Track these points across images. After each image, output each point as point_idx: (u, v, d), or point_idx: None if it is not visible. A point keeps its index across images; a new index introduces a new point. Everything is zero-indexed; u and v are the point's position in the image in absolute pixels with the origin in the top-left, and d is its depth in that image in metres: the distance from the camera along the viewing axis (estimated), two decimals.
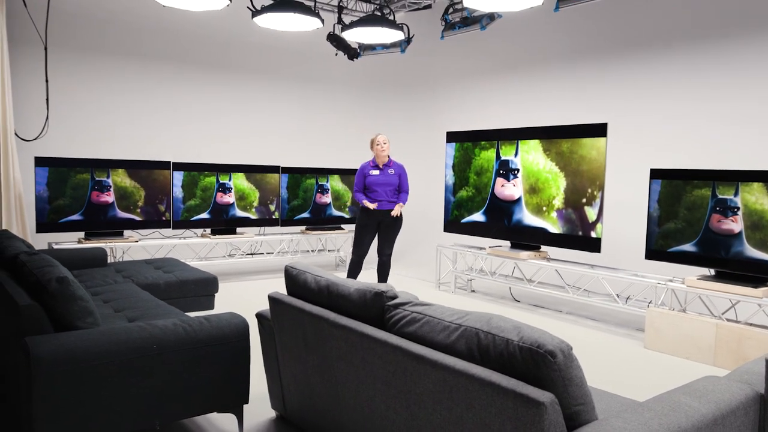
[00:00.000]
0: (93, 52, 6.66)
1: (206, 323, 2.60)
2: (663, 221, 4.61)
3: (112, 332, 2.38)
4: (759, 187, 4.09)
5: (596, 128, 5.06)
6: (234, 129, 7.67)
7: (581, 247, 5.22)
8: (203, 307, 4.50)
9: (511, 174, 5.78)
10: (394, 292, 2.22)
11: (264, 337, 2.87)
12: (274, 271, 7.35)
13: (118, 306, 3.40)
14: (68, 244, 5.83)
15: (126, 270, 4.60)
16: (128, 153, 6.62)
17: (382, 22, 6.33)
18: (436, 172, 7.80)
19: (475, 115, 7.73)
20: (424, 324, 2.00)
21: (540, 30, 6.94)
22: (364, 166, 5.79)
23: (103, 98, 6.74)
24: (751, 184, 4.12)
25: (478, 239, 6.50)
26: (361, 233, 5.73)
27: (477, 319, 1.88)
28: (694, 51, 5.59)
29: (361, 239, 5.74)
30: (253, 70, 7.83)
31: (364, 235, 5.73)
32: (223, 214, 6.79)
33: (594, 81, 6.38)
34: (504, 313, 5.57)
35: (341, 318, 2.27)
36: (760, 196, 4.09)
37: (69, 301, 2.44)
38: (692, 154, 5.47)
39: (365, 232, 5.72)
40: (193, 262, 6.42)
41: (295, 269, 2.68)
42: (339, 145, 8.52)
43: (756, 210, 4.11)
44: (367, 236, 5.73)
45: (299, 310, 2.49)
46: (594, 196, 5.11)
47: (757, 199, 4.11)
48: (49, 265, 2.65)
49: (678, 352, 4.31)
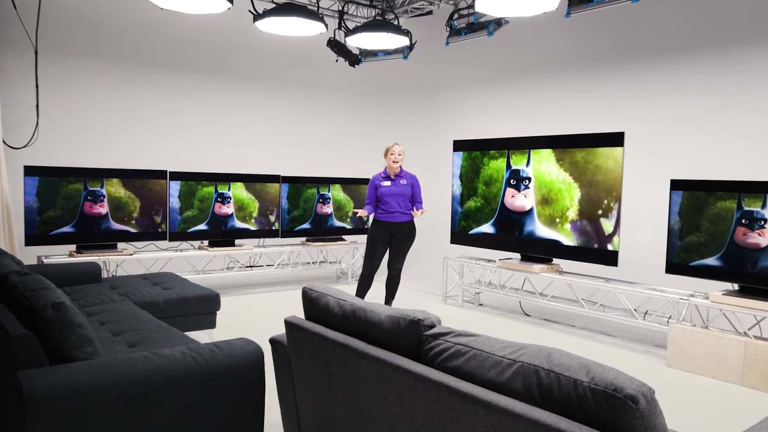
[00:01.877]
0: (86, 57, 6.41)
1: (218, 352, 2.37)
2: (684, 234, 4.43)
3: (114, 364, 2.14)
4: None
5: (613, 137, 4.89)
6: (233, 137, 7.43)
7: (597, 261, 5.03)
8: (205, 326, 4.26)
9: (522, 184, 5.59)
10: (432, 320, 2.00)
11: (278, 366, 2.64)
12: (274, 284, 7.11)
13: (116, 328, 3.15)
14: (59, 258, 5.56)
15: (122, 286, 4.35)
16: (123, 162, 6.37)
17: (387, 27, 6.15)
18: (441, 181, 7.61)
19: (480, 124, 7.55)
20: (471, 358, 1.79)
21: (550, 36, 6.78)
22: (375, 178, 5.57)
23: (96, 105, 6.48)
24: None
25: (486, 251, 6.30)
26: (373, 246, 5.50)
27: (534, 354, 1.67)
28: (714, 57, 5.42)
29: (372, 252, 5.50)
30: (252, 77, 7.61)
31: (376, 248, 5.49)
32: (221, 226, 6.54)
33: (607, 89, 6.20)
34: (514, 328, 5.39)
35: (372, 348, 2.05)
36: None
37: (66, 330, 2.20)
38: (713, 164, 5.30)
39: (377, 244, 5.49)
40: (190, 275, 6.17)
41: (314, 291, 2.45)
42: (340, 153, 8.31)
43: None
44: (378, 249, 5.50)
45: (321, 338, 2.27)
46: (610, 208, 4.93)
47: None
48: (44, 287, 2.41)
49: (703, 371, 4.12)
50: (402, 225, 5.46)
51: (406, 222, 5.48)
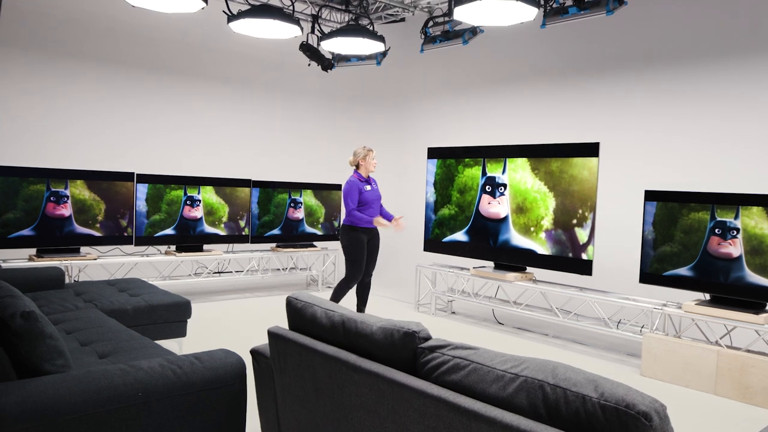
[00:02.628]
0: (50, 54, 6.17)
1: (198, 364, 2.26)
2: (658, 244, 4.49)
3: (89, 378, 2.01)
4: (759, 211, 4.00)
5: (588, 147, 4.93)
6: (203, 140, 7.25)
7: (571, 270, 5.06)
8: (175, 335, 4.11)
9: (498, 191, 5.60)
10: (427, 332, 1.94)
11: (260, 377, 2.54)
12: (243, 290, 6.95)
13: (84, 338, 3.00)
14: (18, 262, 5.31)
15: (87, 293, 4.17)
16: (88, 163, 6.14)
17: (363, 32, 6.10)
18: (413, 188, 7.58)
19: (453, 131, 7.55)
20: (471, 372, 1.73)
21: (525, 46, 6.83)
22: (356, 181, 5.28)
23: (60, 104, 6.24)
24: (751, 208, 4.03)
25: (459, 259, 6.28)
26: (362, 254, 5.26)
27: (538, 369, 1.62)
28: (688, 68, 5.51)
29: (362, 261, 5.27)
30: (223, 80, 7.45)
31: (364, 255, 5.29)
32: (190, 230, 6.36)
33: (582, 99, 6.27)
34: (488, 336, 5.38)
35: (364, 361, 1.97)
36: (760, 221, 4.00)
37: (36, 341, 2.07)
38: (688, 174, 5.38)
39: (365, 251, 5.29)
40: (157, 281, 5.98)
41: (300, 301, 2.37)
42: (312, 158, 8.21)
43: (756, 234, 4.02)
44: (366, 255, 5.31)
45: (308, 350, 2.18)
46: (585, 217, 4.96)
47: (756, 223, 4.02)
48: (10, 295, 2.26)
49: (677, 380, 4.16)
50: (375, 230, 5.39)
51: (376, 227, 5.40)
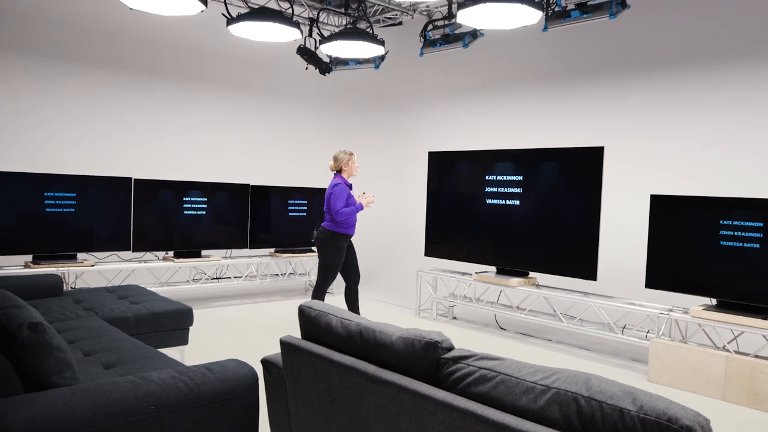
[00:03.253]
0: (46, 57, 6.07)
1: (210, 375, 2.20)
2: (664, 248, 4.46)
3: (99, 391, 1.95)
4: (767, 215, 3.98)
5: (592, 152, 4.90)
6: (200, 144, 7.17)
7: (576, 275, 5.02)
8: (177, 342, 4.03)
9: (501, 197, 5.56)
10: (450, 342, 1.89)
11: (271, 388, 2.47)
12: (242, 296, 6.87)
13: (87, 348, 2.92)
14: (14, 269, 5.21)
15: (86, 300, 4.08)
16: (84, 168, 6.05)
17: (363, 35, 6.06)
18: (412, 192, 7.54)
19: (453, 135, 7.52)
20: (499, 384, 1.68)
21: (527, 49, 6.80)
22: (344, 186, 5.18)
23: (55, 108, 6.14)
24: (759, 212, 4.01)
25: (460, 264, 6.24)
26: (341, 260, 5.19)
27: (570, 380, 1.57)
28: (693, 72, 5.48)
29: (339, 267, 5.20)
30: (221, 83, 7.38)
31: (341, 263, 5.22)
32: (187, 236, 6.28)
33: (584, 103, 6.25)
34: (490, 341, 5.33)
35: (384, 372, 1.92)
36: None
37: (44, 353, 2.00)
38: (694, 178, 5.36)
39: (342, 258, 5.21)
40: (155, 287, 5.89)
41: (314, 310, 2.31)
42: (310, 162, 8.14)
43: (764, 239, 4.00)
44: (341, 264, 5.24)
45: (324, 360, 2.12)
46: (590, 222, 4.93)
47: (764, 227, 4.00)
48: (15, 305, 2.19)
49: (684, 386, 4.13)
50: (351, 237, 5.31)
51: None
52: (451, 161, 6.03)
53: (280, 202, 6.96)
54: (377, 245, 7.86)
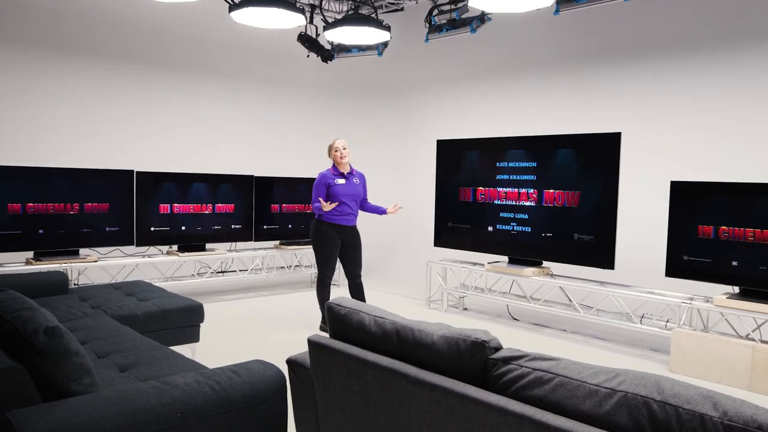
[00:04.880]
0: (44, 48, 5.88)
1: (236, 378, 2.08)
2: (685, 236, 4.35)
3: (123, 399, 1.82)
4: None
5: (609, 138, 4.78)
6: (202, 135, 7.00)
7: (593, 264, 4.92)
8: (187, 340, 3.91)
9: (514, 184, 5.44)
10: (498, 341, 1.78)
11: (298, 390, 2.36)
12: (247, 290, 6.75)
13: (100, 349, 2.80)
14: (16, 266, 5.07)
15: (92, 298, 3.95)
16: (86, 161, 5.89)
17: (369, 21, 5.90)
18: (418, 181, 7.41)
19: (459, 123, 7.38)
20: (558, 387, 1.56)
21: (536, 34, 6.63)
22: (324, 175, 5.03)
23: (55, 100, 5.96)
24: None
25: (470, 254, 6.13)
26: (328, 249, 5.01)
27: (638, 383, 1.46)
28: (712, 56, 5.30)
29: (329, 257, 5.02)
30: (222, 72, 7.20)
31: (333, 252, 5.03)
32: (191, 229, 6.13)
33: (600, 88, 6.08)
34: (504, 332, 5.23)
35: (427, 374, 1.80)
36: None
37: (62, 359, 1.88)
38: (712, 164, 5.21)
39: (333, 247, 5.02)
40: (159, 282, 5.76)
41: (343, 307, 2.19)
42: (313, 152, 7.97)
43: None
44: (335, 252, 5.05)
45: (358, 361, 2.01)
46: (607, 209, 4.82)
47: None
48: (27, 307, 2.06)
49: (708, 376, 4.04)
50: (353, 228, 5.09)
51: (355, 225, 5.13)
52: (460, 149, 5.90)
53: (285, 193, 6.82)
54: (384, 236, 7.73)
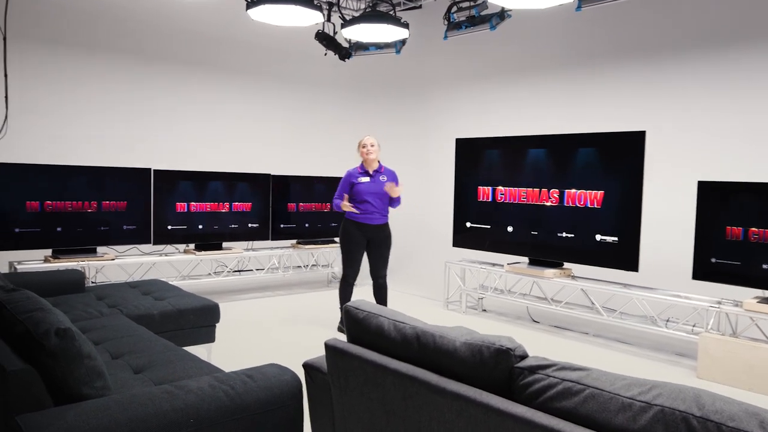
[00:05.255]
0: (63, 46, 5.90)
1: (251, 383, 2.02)
2: (713, 238, 4.22)
3: (135, 404, 1.77)
4: None
5: (633, 136, 4.66)
6: (220, 133, 6.98)
7: (616, 266, 4.80)
8: (203, 340, 3.87)
9: (535, 184, 5.33)
10: (524, 349, 1.69)
11: (314, 395, 2.29)
12: (264, 289, 6.72)
13: (114, 349, 2.76)
14: (34, 264, 5.08)
15: (109, 296, 3.93)
16: (102, 159, 5.89)
17: (387, 19, 5.83)
18: (436, 180, 7.32)
19: (478, 121, 7.27)
20: (588, 399, 1.48)
21: (558, 31, 6.49)
22: (351, 172, 5.03)
23: (73, 97, 5.97)
24: None
25: (489, 255, 6.03)
26: (351, 250, 4.97)
27: (676, 396, 1.37)
28: (740, 52, 5.09)
29: (353, 257, 4.98)
30: (239, 71, 7.18)
31: (356, 252, 4.97)
32: (208, 228, 6.11)
33: (620, 86, 5.92)
34: (524, 335, 5.12)
35: (449, 382, 1.73)
36: None
37: (73, 362, 1.83)
38: (740, 164, 5.03)
39: (357, 247, 4.96)
40: (176, 281, 5.74)
41: (361, 311, 2.12)
42: (330, 151, 7.94)
43: None
44: (359, 252, 4.99)
45: (377, 367, 1.94)
46: (630, 210, 4.69)
47: None
48: (40, 308, 2.02)
49: (738, 383, 3.91)
50: (380, 228, 4.99)
51: (384, 225, 5.02)
52: (480, 148, 5.81)
53: (302, 192, 6.77)
54: (402, 236, 7.63)
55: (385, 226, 5.04)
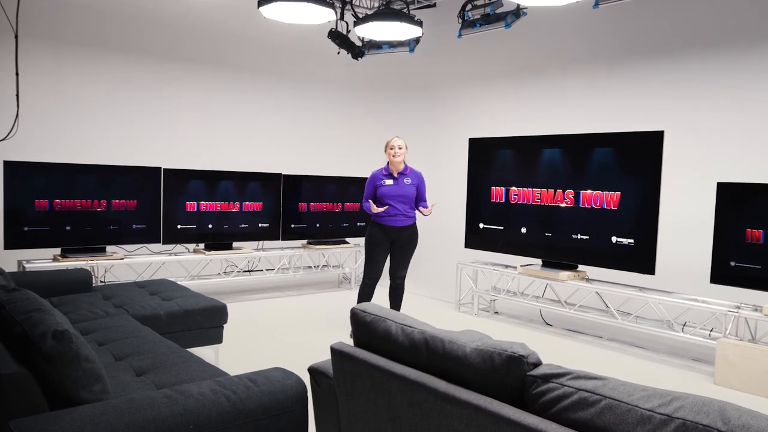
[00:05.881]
0: (74, 45, 5.89)
1: (254, 388, 1.96)
2: (732, 241, 4.10)
3: (133, 409, 1.72)
4: None
5: (651, 136, 4.55)
6: (230, 132, 6.93)
7: (632, 268, 4.69)
8: (210, 341, 3.83)
9: (549, 185, 5.23)
10: (537, 356, 1.62)
11: (319, 401, 2.23)
12: (274, 289, 6.68)
13: (118, 351, 2.71)
14: (43, 263, 5.07)
15: (116, 296, 3.90)
16: (113, 158, 5.87)
17: (401, 17, 5.75)
18: (449, 180, 7.23)
19: (492, 121, 7.17)
20: (605, 410, 1.40)
21: (574, 29, 6.36)
22: (375, 174, 4.98)
23: (85, 96, 5.96)
24: None
25: (501, 256, 5.93)
26: (373, 252, 4.92)
27: (699, 409, 1.29)
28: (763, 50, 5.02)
29: (374, 259, 4.92)
30: (250, 69, 7.14)
31: (378, 254, 4.92)
32: (218, 227, 6.08)
33: (638, 86, 5.76)
34: (537, 338, 5.03)
35: (458, 389, 1.65)
36: None
37: (70, 365, 1.78)
38: (760, 166, 4.88)
39: (378, 250, 4.91)
40: (186, 281, 5.71)
41: (369, 314, 2.05)
42: (342, 150, 7.89)
43: None
44: (381, 255, 4.93)
45: (383, 372, 1.87)
46: (647, 212, 4.58)
47: None
48: (38, 309, 1.97)
49: (757, 391, 3.79)
50: (404, 230, 4.91)
51: (408, 226, 4.94)
52: (493, 148, 5.72)
53: (313, 192, 6.72)
54: None
55: (410, 227, 4.96)
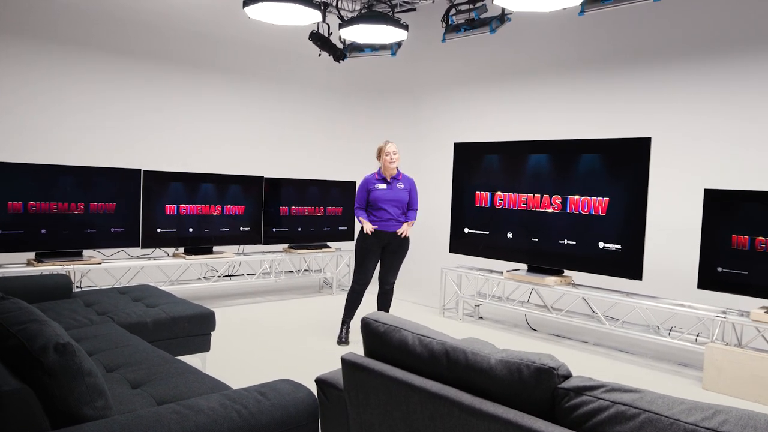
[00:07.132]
0: (50, 42, 5.68)
1: (265, 402, 1.88)
2: (719, 247, 4.16)
3: (141, 425, 1.62)
4: None
5: (638, 142, 4.59)
6: (211, 135, 6.79)
7: (619, 274, 4.72)
8: (198, 349, 3.71)
9: (535, 190, 5.24)
10: (567, 368, 1.58)
11: (328, 413, 2.16)
12: (254, 294, 6.56)
13: (108, 361, 2.59)
14: (17, 267, 4.87)
15: (98, 303, 3.75)
16: (91, 159, 5.68)
17: (386, 20, 5.71)
18: (432, 185, 7.20)
19: (475, 126, 7.18)
20: (645, 424, 1.37)
21: (559, 35, 6.40)
22: (368, 179, 4.93)
23: (62, 96, 5.75)
24: None
25: (486, 261, 5.92)
26: (364, 257, 4.86)
27: (744, 422, 1.26)
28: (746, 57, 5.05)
29: (364, 265, 4.87)
30: (231, 71, 7.00)
31: (369, 260, 4.86)
32: (199, 231, 5.93)
33: (622, 92, 5.83)
34: (522, 343, 5.02)
35: (485, 403, 1.60)
36: None
37: (74, 380, 1.67)
38: (745, 172, 4.97)
39: (369, 256, 4.85)
40: (165, 285, 5.55)
41: (383, 324, 1.99)
42: (324, 154, 7.80)
43: None
44: (371, 261, 4.88)
45: (401, 384, 1.81)
46: (634, 218, 4.62)
47: None
48: (35, 320, 1.86)
49: (744, 395, 3.84)
50: (396, 235, 4.88)
51: (394, 231, 4.89)
52: (479, 153, 5.71)
53: (294, 196, 6.62)
54: None
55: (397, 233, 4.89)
